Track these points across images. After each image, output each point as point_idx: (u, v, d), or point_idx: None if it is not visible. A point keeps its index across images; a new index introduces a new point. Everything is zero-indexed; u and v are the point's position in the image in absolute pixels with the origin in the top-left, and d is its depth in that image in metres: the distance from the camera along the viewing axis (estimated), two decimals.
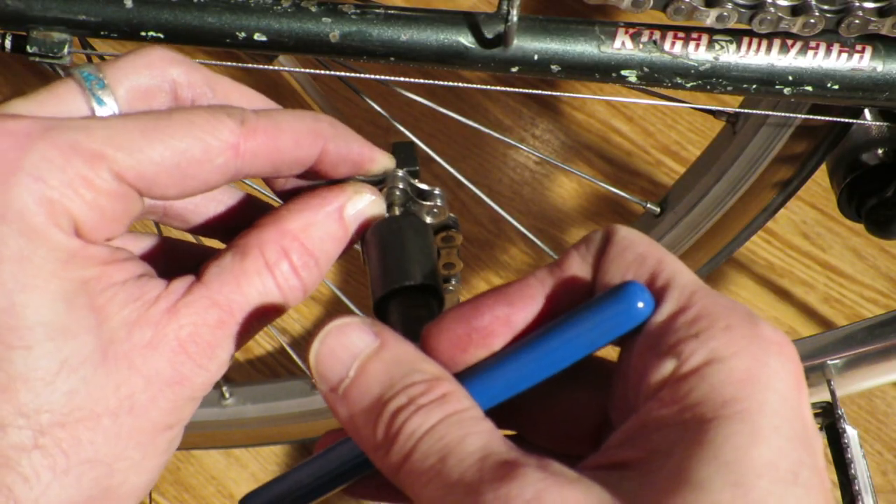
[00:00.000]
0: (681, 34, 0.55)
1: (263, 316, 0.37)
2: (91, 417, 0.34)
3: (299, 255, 0.37)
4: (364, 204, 0.40)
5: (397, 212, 0.42)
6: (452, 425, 0.31)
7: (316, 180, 0.42)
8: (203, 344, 0.36)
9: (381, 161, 0.42)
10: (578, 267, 0.35)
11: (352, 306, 0.92)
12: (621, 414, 0.33)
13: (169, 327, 0.35)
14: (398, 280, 0.40)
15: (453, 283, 0.46)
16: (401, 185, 0.42)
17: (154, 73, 0.38)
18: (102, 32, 0.55)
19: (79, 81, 0.37)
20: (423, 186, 0.43)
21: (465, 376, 0.34)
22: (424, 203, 0.43)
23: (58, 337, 0.33)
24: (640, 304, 0.32)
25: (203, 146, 0.36)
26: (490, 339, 0.34)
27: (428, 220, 0.43)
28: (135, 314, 0.35)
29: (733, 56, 0.55)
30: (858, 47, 0.56)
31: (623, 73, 0.56)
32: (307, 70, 1.10)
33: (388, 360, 0.32)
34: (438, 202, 0.43)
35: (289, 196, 0.42)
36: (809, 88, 0.56)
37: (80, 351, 0.34)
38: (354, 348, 0.33)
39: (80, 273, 0.34)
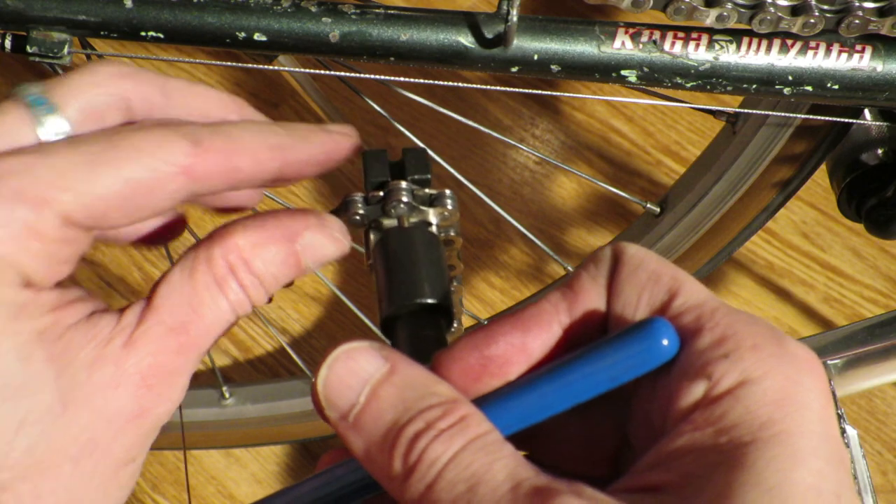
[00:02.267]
0: (681, 34, 0.55)
1: (218, 332, 0.36)
2: (52, 468, 0.33)
3: (245, 273, 0.35)
4: (320, 241, 0.37)
5: (407, 223, 0.41)
6: (478, 451, 0.29)
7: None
8: (164, 373, 0.34)
9: (345, 148, 0.40)
10: (590, 288, 0.34)
11: (353, 307, 0.92)
12: (644, 436, 0.32)
13: (129, 362, 0.33)
14: (408, 297, 0.38)
15: (455, 284, 0.45)
16: (404, 198, 0.40)
17: (103, 90, 0.36)
18: (102, 32, 0.55)
19: (25, 105, 0.35)
20: (433, 191, 0.41)
21: (480, 403, 0.32)
22: (434, 209, 0.41)
23: (15, 396, 0.32)
24: (666, 342, 0.31)
25: (154, 174, 0.34)
26: (506, 368, 0.33)
27: (437, 224, 0.41)
28: (92, 354, 0.33)
29: (733, 56, 0.55)
30: (858, 47, 0.56)
31: (623, 73, 0.56)
32: (307, 70, 1.10)
33: (401, 383, 0.31)
34: (449, 207, 0.41)
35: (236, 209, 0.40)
36: (809, 88, 0.56)
37: (39, 406, 0.32)
38: (364, 373, 0.32)
39: (33, 325, 0.33)
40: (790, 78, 0.56)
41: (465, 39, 0.55)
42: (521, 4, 0.53)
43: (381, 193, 0.41)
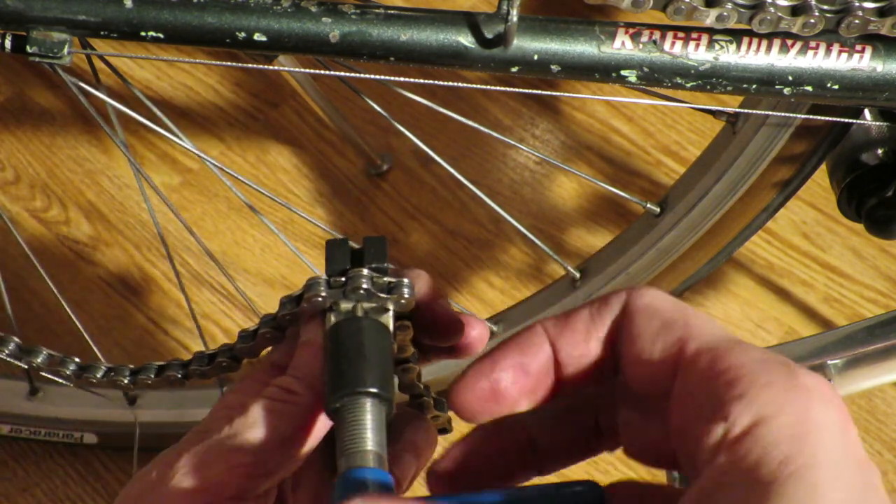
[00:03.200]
0: (681, 34, 0.55)
1: None
2: None
3: None
4: None
5: (360, 312, 0.43)
6: None
7: None
8: None
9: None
10: (584, 329, 0.36)
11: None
12: (683, 458, 0.34)
13: None
14: (351, 385, 0.40)
15: (410, 363, 0.47)
16: (364, 285, 0.43)
17: None
18: (102, 32, 0.55)
19: None
20: (391, 279, 0.44)
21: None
22: (391, 296, 0.43)
23: None
24: None
25: None
26: (511, 389, 0.36)
27: (392, 310, 0.43)
28: None
29: (733, 56, 0.55)
30: (858, 47, 0.56)
31: (623, 73, 0.56)
32: (307, 70, 1.10)
33: None
34: (406, 295, 0.43)
35: None
36: (809, 88, 0.56)
37: None
38: None
39: None
40: (790, 78, 0.56)
41: (465, 39, 0.55)
42: (521, 4, 0.53)
43: (343, 279, 0.44)
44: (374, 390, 0.40)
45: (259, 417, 0.41)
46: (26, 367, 0.70)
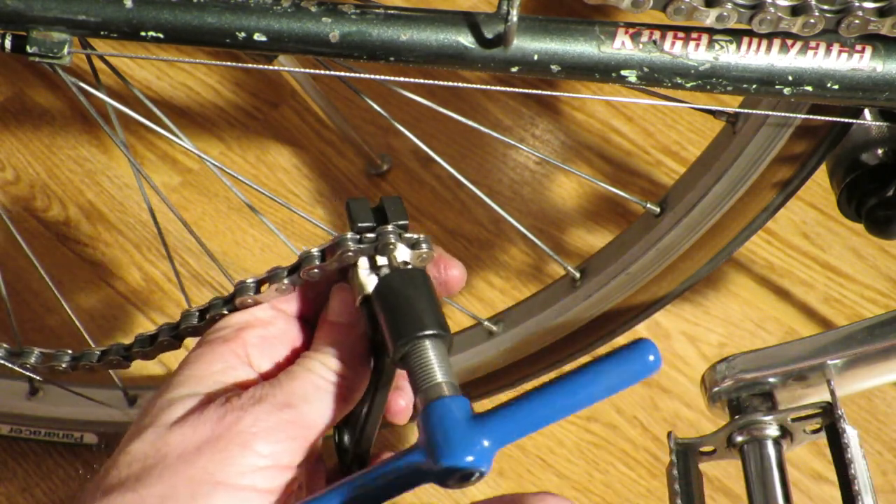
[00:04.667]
0: (681, 34, 0.55)
1: None
2: None
3: None
4: None
5: (394, 263, 0.47)
6: None
7: None
8: None
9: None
10: None
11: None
12: None
13: None
14: (412, 331, 0.44)
15: None
16: (392, 240, 0.47)
17: None
18: (102, 32, 0.55)
19: None
20: (412, 235, 0.48)
21: (531, 394, 0.40)
22: (414, 251, 0.47)
23: None
24: (651, 358, 0.38)
25: None
26: None
27: (414, 265, 0.48)
28: None
29: (733, 56, 0.55)
30: (858, 47, 0.56)
31: (623, 73, 0.56)
32: (307, 70, 1.10)
33: None
34: (425, 249, 0.47)
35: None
36: (809, 88, 0.56)
37: None
38: None
39: None
40: (790, 78, 0.56)
41: (465, 39, 0.55)
42: (521, 4, 0.53)
43: (371, 235, 0.48)
44: (434, 332, 0.44)
45: (315, 397, 0.46)
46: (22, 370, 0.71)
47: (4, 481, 1.08)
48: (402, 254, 0.47)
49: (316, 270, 0.49)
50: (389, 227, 0.47)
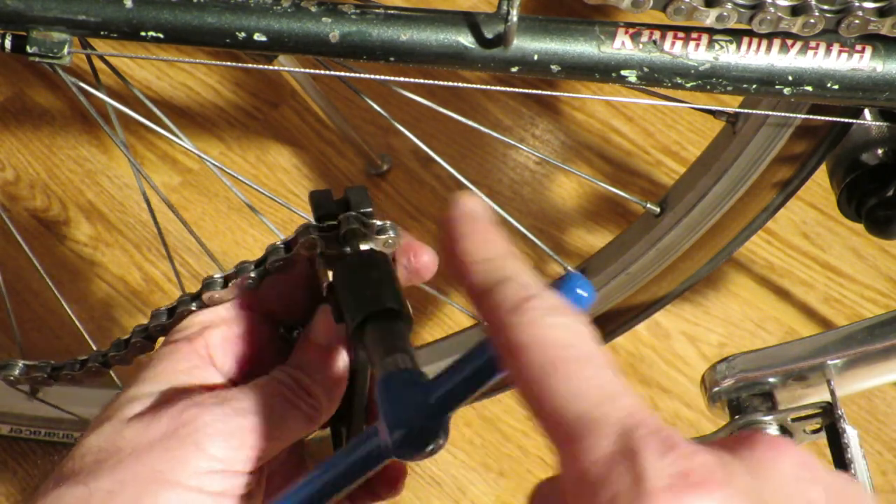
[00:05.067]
0: (681, 34, 0.55)
1: None
2: None
3: None
4: None
5: (354, 249, 0.47)
6: None
7: None
8: None
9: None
10: None
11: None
12: None
13: None
14: (371, 305, 0.43)
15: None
16: (354, 225, 0.47)
17: None
18: (102, 32, 0.55)
19: None
20: (378, 222, 0.47)
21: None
22: (380, 237, 0.47)
23: None
24: (584, 294, 0.38)
25: None
26: None
27: (385, 251, 0.47)
28: None
29: (733, 56, 0.55)
30: (858, 47, 0.56)
31: (623, 73, 0.56)
32: (307, 70, 1.10)
33: None
34: (391, 234, 0.47)
35: None
36: (809, 88, 0.56)
37: None
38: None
39: None
40: (790, 78, 0.56)
41: (465, 39, 0.55)
42: (521, 4, 0.53)
43: (332, 223, 0.48)
44: (388, 307, 0.43)
45: (280, 410, 0.46)
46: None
47: (4, 481, 1.08)
48: (367, 241, 0.47)
49: (280, 262, 0.49)
50: (353, 214, 0.47)
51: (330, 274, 0.47)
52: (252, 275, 0.50)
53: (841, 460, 0.65)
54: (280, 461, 0.49)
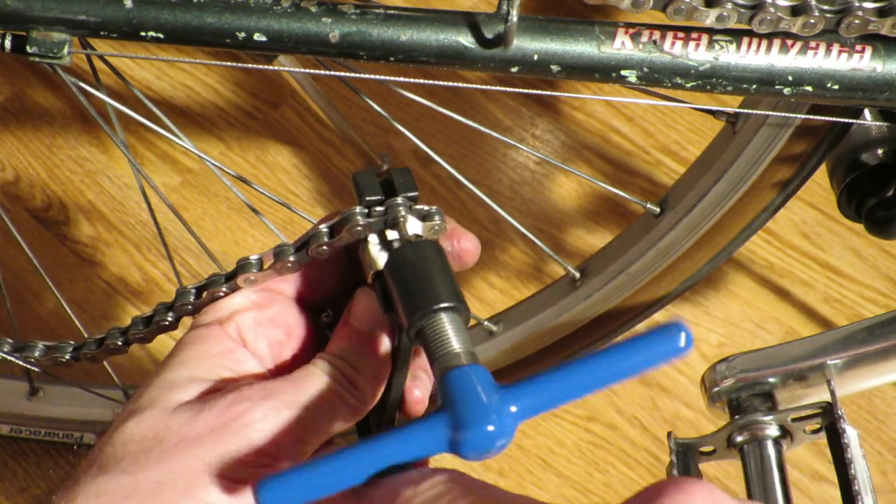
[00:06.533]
0: (681, 34, 0.55)
1: None
2: None
3: None
4: None
5: (406, 236, 0.45)
6: None
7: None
8: None
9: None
10: None
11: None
12: None
13: None
14: (427, 304, 0.43)
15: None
16: (403, 213, 0.45)
17: None
18: (102, 32, 0.55)
19: None
20: (423, 207, 0.46)
21: (544, 374, 0.39)
22: (425, 223, 0.46)
23: None
24: (683, 342, 0.37)
25: None
26: None
27: (426, 236, 0.46)
28: None
29: (733, 56, 0.55)
30: (858, 47, 0.56)
31: (623, 73, 0.56)
32: (307, 70, 1.10)
33: None
34: (437, 220, 0.46)
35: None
36: (809, 88, 0.56)
37: None
38: None
39: None
40: (790, 78, 0.56)
41: (465, 39, 0.55)
42: (521, 4, 0.53)
43: (380, 209, 0.46)
44: (450, 304, 0.43)
45: (327, 402, 0.45)
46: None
47: (4, 481, 1.08)
48: (414, 226, 0.46)
49: (325, 248, 0.47)
50: (399, 200, 0.46)
51: (377, 261, 0.46)
52: (291, 258, 0.48)
53: (841, 460, 0.65)
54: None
